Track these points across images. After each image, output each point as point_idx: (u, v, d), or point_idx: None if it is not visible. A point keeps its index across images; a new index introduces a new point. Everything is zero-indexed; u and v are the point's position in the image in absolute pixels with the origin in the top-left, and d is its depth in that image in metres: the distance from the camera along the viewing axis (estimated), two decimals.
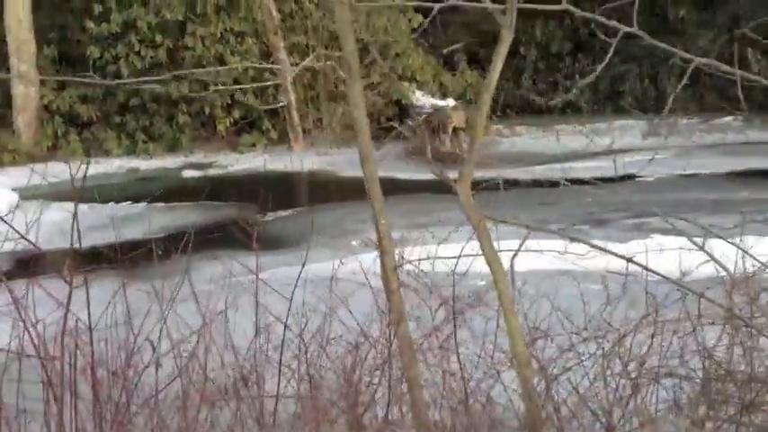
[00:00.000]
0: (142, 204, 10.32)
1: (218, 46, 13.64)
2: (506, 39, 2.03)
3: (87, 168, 3.02)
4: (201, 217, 9.44)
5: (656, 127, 13.84)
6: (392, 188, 10.46)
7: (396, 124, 13.16)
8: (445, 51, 15.74)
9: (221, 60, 13.79)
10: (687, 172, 9.10)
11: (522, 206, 8.41)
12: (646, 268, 2.07)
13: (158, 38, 13.58)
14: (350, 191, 10.80)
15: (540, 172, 10.61)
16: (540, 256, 2.49)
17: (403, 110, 14.33)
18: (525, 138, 13.83)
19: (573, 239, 2.31)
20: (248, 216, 9.43)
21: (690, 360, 2.17)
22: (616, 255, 2.13)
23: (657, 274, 2.09)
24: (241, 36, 13.85)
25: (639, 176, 8.92)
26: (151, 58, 13.64)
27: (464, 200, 2.08)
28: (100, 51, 13.74)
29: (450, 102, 12.25)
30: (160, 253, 3.58)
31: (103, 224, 9.76)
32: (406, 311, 2.89)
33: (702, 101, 16.02)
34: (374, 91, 14.46)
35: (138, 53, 13.60)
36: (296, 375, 2.56)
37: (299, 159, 13.59)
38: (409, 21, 14.82)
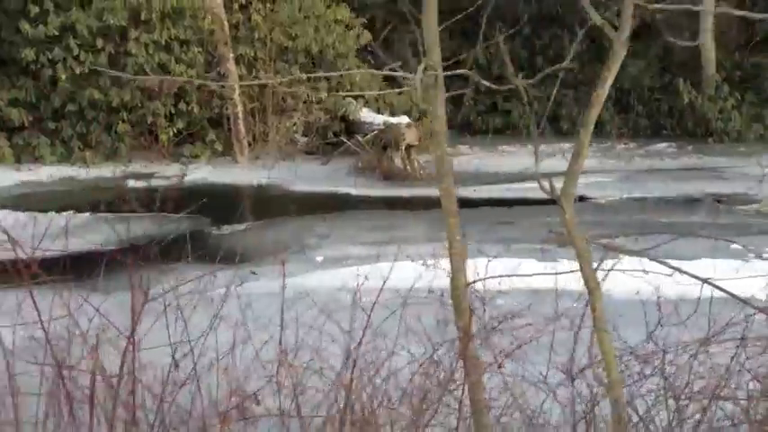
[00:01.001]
0: (85, 214, 9.87)
1: (161, 54, 13.28)
2: (620, 53, 2.04)
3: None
4: (154, 229, 9.09)
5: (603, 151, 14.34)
6: (345, 204, 10.46)
7: (344, 140, 13.14)
8: (386, 69, 15.84)
9: (164, 68, 13.44)
10: (635, 195, 9.42)
11: (482, 225, 8.52)
12: (723, 290, 2.11)
13: (99, 42, 13.10)
14: (302, 206, 10.69)
15: (490, 191, 10.79)
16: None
17: (349, 126, 14.31)
18: (470, 157, 14.03)
19: (654, 260, 2.32)
20: (204, 229, 9.23)
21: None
22: (695, 277, 2.16)
23: (736, 297, 2.12)
24: (186, 45, 13.53)
25: (591, 198, 9.17)
26: (91, 62, 13.13)
27: (568, 218, 2.06)
28: (35, 54, 13.14)
29: (404, 119, 12.30)
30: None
31: (49, 234, 9.32)
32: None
33: (636, 127, 16.74)
34: (318, 106, 14.42)
35: (77, 57, 13.08)
36: (350, 395, 2.47)
37: (244, 172, 13.35)
38: (357, 37, 14.86)
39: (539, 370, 2.53)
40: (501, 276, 2.48)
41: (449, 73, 2.37)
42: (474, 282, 2.37)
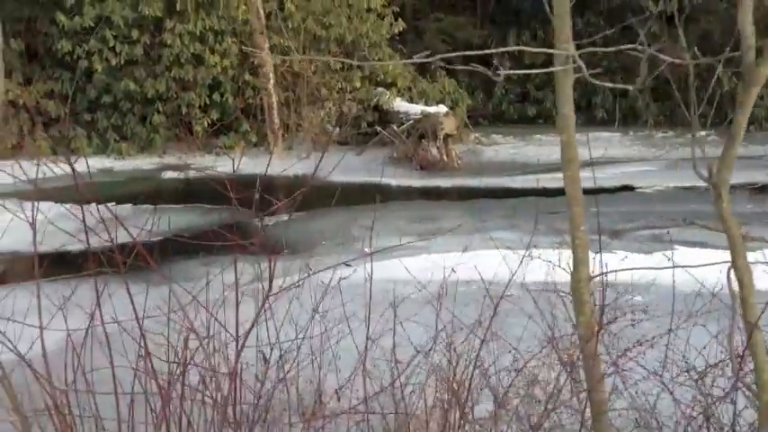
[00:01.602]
0: (127, 206, 9.87)
1: (196, 44, 13.25)
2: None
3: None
4: (197, 220, 9.11)
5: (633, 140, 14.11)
6: (385, 195, 10.38)
7: (379, 129, 13.04)
8: (416, 57, 15.72)
9: (199, 59, 13.43)
10: (684, 184, 9.23)
11: (530, 215, 8.39)
12: None
13: (135, 33, 13.11)
14: (343, 196, 10.61)
15: (532, 181, 10.63)
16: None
17: (383, 116, 14.22)
18: (506, 146, 13.88)
19: None
20: (246, 220, 9.20)
21: None
22: None
23: None
24: (220, 35, 13.49)
25: (638, 188, 9.00)
26: (126, 54, 13.15)
27: (725, 206, 1.96)
28: (71, 46, 13.18)
29: (442, 108, 12.17)
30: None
31: (90, 226, 9.35)
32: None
33: (673, 116, 16.46)
34: (351, 95, 14.34)
35: (113, 49, 13.10)
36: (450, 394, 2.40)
37: (279, 163, 13.31)
38: (390, 26, 14.73)
39: (653, 367, 2.44)
40: (632, 269, 2.38)
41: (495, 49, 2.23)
42: (599, 275, 2.28)
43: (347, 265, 2.92)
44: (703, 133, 10.33)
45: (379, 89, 14.68)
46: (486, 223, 7.99)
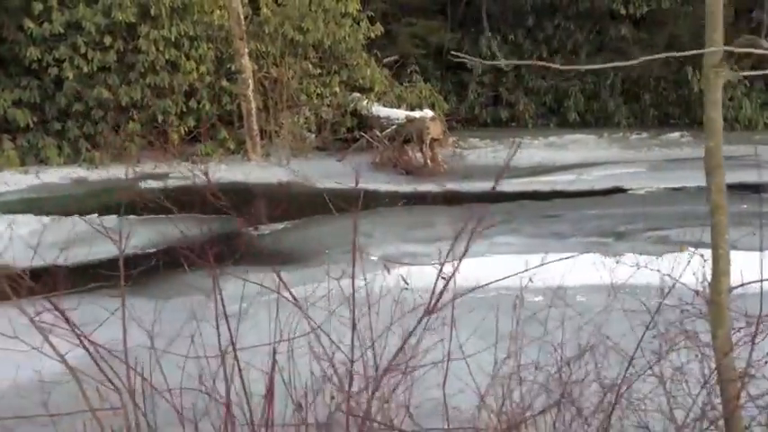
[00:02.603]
0: (112, 217, 9.56)
1: (171, 50, 12.96)
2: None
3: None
4: (189, 230, 8.85)
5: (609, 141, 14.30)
6: (376, 201, 10.28)
7: (362, 135, 12.96)
8: (385, 61, 15.72)
9: (174, 65, 13.15)
10: (672, 185, 9.37)
11: (527, 219, 8.40)
12: None
13: (107, 40, 12.75)
14: (332, 203, 10.46)
15: (522, 184, 10.68)
16: None
17: (362, 121, 14.14)
18: (485, 150, 13.92)
19: None
20: (241, 230, 9.00)
21: None
22: None
23: None
24: (196, 41, 13.23)
25: (629, 189, 9.10)
26: (99, 61, 12.79)
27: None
28: (40, 53, 12.75)
29: (428, 113, 12.13)
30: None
31: (78, 239, 9.00)
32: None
33: (644, 117, 16.77)
34: (329, 101, 14.23)
35: (84, 55, 12.72)
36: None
37: (260, 170, 13.11)
38: (367, 29, 14.66)
39: None
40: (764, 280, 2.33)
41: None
42: (740, 286, 2.22)
43: (385, 266, 2.81)
44: (677, 134, 10.60)
45: (355, 94, 14.59)
46: (486, 229, 7.96)
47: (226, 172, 12.86)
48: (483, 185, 10.74)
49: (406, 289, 2.95)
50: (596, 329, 2.77)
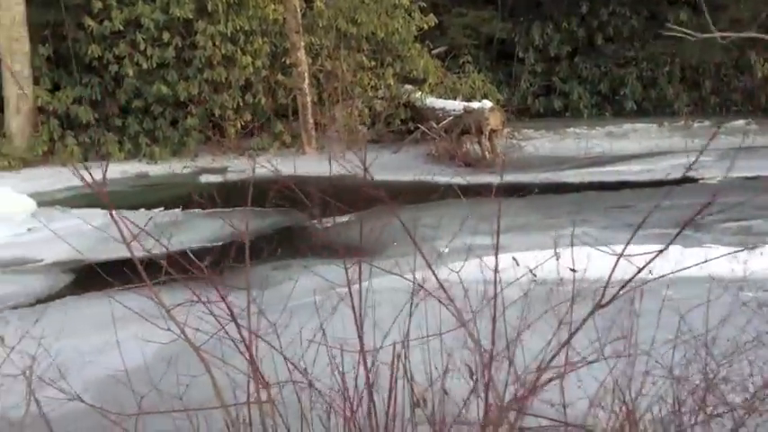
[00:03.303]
0: (176, 211, 9.71)
1: (228, 45, 13.06)
2: None
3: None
4: (252, 223, 8.91)
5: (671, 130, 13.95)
6: (436, 193, 10.20)
7: (419, 126, 12.87)
8: (434, 52, 15.60)
9: (230, 60, 13.25)
10: (745, 174, 9.08)
11: (597, 210, 8.24)
12: None
13: (165, 36, 12.91)
14: (393, 196, 10.42)
15: (584, 174, 10.49)
16: None
17: (415, 113, 14.06)
18: (542, 141, 13.71)
19: None
20: (303, 223, 9.04)
21: None
22: None
23: None
24: (252, 35, 13.30)
25: (700, 179, 8.86)
26: (158, 57, 12.96)
27: None
28: (100, 51, 12.98)
29: (487, 103, 11.98)
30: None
31: (150, 231, 9.15)
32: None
33: (704, 105, 16.32)
34: (384, 93, 14.18)
35: (144, 52, 12.90)
36: None
37: (315, 163, 13.14)
38: (421, 20, 14.56)
39: None
40: None
41: None
42: None
43: (573, 270, 2.74)
44: (742, 122, 10.24)
45: (407, 86, 14.53)
46: (556, 220, 7.83)
47: (281, 165, 12.90)
48: (545, 176, 10.61)
49: (534, 281, 2.89)
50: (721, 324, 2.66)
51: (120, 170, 12.83)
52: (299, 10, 12.66)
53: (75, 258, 7.59)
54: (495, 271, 2.42)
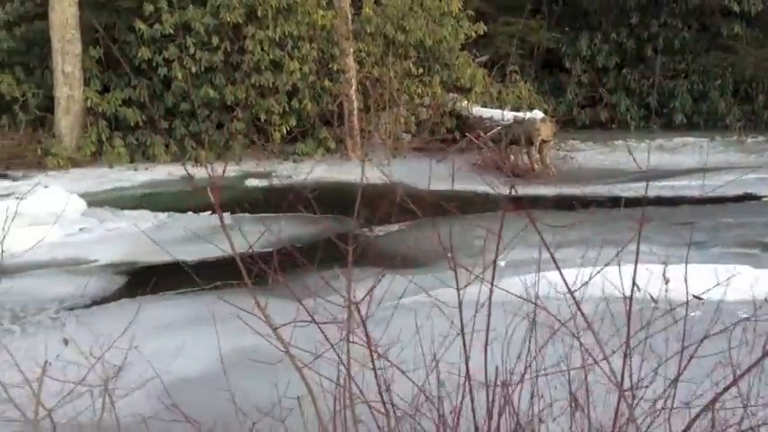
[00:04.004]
0: (225, 215, 9.65)
1: (276, 50, 13.06)
2: None
3: None
4: (302, 230, 8.86)
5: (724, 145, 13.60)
6: (488, 204, 10.05)
7: (467, 135, 12.72)
8: (476, 61, 15.43)
9: (278, 65, 13.25)
10: None
11: (657, 227, 8.00)
12: None
13: (215, 40, 12.95)
14: (439, 205, 10.28)
15: (638, 189, 10.21)
16: None
17: (461, 122, 13.91)
18: (590, 153, 13.47)
19: None
20: (354, 230, 8.93)
21: None
22: None
23: None
24: (300, 40, 13.29)
25: (763, 197, 8.57)
26: (206, 61, 13.01)
27: None
28: (150, 53, 13.07)
29: (538, 114, 11.80)
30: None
31: (196, 236, 9.07)
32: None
33: (757, 119, 15.91)
34: (429, 101, 14.06)
35: (193, 56, 12.95)
36: None
37: (359, 170, 13.06)
38: (469, 28, 14.42)
39: None
40: None
41: None
42: None
43: (698, 298, 2.57)
44: None
45: (452, 95, 14.39)
46: (618, 235, 7.61)
47: (326, 172, 12.87)
48: (598, 189, 10.38)
49: (702, 303, 2.70)
50: None
51: (165, 171, 12.88)
52: (349, 16, 12.60)
53: (128, 260, 7.60)
54: (630, 293, 2.25)
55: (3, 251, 3.13)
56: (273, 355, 2.67)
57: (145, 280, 7.02)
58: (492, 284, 2.43)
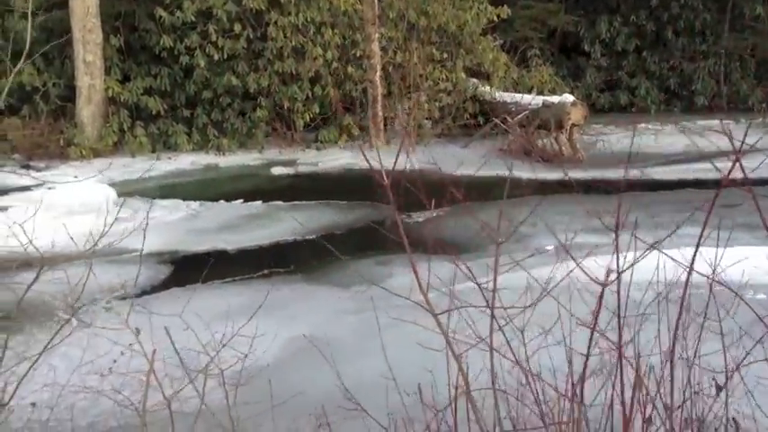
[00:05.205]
0: (257, 203, 9.61)
1: (299, 36, 12.95)
2: None
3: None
4: (337, 217, 8.80)
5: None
6: (522, 189, 9.96)
7: (493, 119, 12.62)
8: (492, 45, 15.27)
9: (300, 51, 13.14)
10: None
11: (700, 209, 7.92)
12: None
13: (237, 27, 12.83)
14: (475, 191, 10.16)
15: (674, 172, 10.15)
16: None
17: (484, 107, 13.81)
18: (614, 137, 13.36)
19: None
20: (393, 216, 8.87)
21: None
22: None
23: None
24: (323, 26, 13.17)
25: None
26: (229, 48, 12.89)
27: None
28: (171, 41, 12.95)
29: (569, 97, 11.69)
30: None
31: (232, 224, 8.98)
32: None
33: None
34: (452, 87, 13.95)
35: (215, 43, 12.84)
36: None
37: (386, 156, 12.95)
38: (492, 12, 14.28)
39: None
40: None
41: None
42: None
43: None
44: None
45: (473, 80, 14.28)
46: (660, 219, 7.53)
47: (352, 158, 12.78)
48: (634, 173, 10.27)
49: None
50: None
51: (188, 161, 12.80)
52: (375, 1, 12.48)
53: (169, 249, 7.54)
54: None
55: (33, 240, 3.08)
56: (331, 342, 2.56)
57: (189, 268, 6.98)
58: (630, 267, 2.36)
